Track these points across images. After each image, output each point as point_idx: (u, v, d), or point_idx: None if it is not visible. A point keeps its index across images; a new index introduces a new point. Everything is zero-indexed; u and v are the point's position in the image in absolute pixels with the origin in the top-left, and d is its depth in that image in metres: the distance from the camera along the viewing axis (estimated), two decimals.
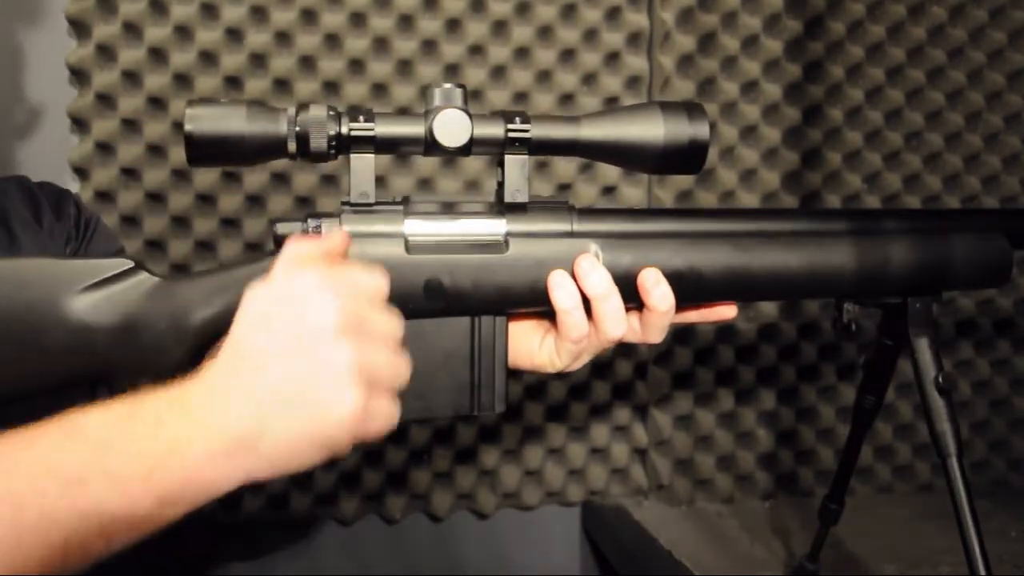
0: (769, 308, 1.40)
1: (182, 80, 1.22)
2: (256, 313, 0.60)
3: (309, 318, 0.58)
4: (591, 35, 1.33)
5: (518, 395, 1.37)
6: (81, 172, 1.23)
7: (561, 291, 0.71)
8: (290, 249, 0.63)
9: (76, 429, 0.54)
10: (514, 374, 0.81)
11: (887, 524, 1.34)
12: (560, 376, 1.37)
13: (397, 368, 0.61)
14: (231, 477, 0.56)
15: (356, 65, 1.27)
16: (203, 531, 1.35)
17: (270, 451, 0.56)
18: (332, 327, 0.58)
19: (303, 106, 0.68)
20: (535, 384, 1.38)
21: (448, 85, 0.70)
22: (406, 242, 0.70)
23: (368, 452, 1.34)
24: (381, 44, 1.27)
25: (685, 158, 0.71)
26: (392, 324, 0.62)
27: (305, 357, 0.57)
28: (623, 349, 1.38)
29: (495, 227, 0.72)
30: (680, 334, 1.37)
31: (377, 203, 0.71)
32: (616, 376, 1.39)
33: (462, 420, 1.36)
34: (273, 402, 0.56)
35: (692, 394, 1.40)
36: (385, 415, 0.60)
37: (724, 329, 1.39)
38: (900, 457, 1.47)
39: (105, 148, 1.22)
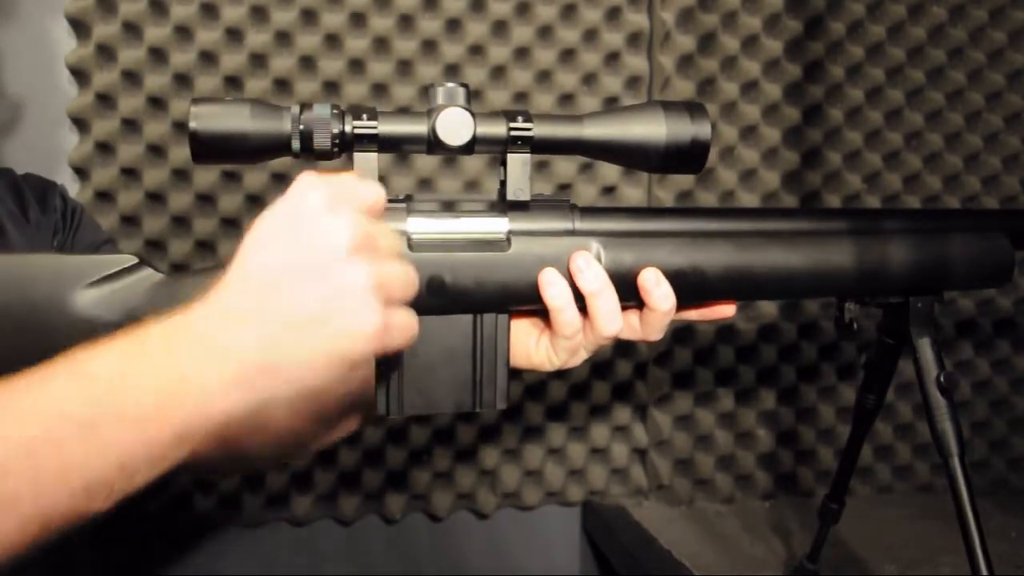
0: (769, 308, 1.40)
1: (182, 80, 1.22)
2: (264, 234, 0.59)
3: (321, 237, 0.57)
4: (591, 35, 1.33)
5: (518, 395, 1.37)
6: (81, 172, 1.23)
7: (552, 288, 0.72)
8: (301, 177, 0.62)
9: (84, 370, 0.53)
10: (515, 373, 0.81)
11: (887, 524, 1.34)
12: (560, 376, 1.37)
13: (407, 278, 0.61)
14: (249, 403, 0.54)
15: (356, 65, 1.27)
16: (203, 531, 1.35)
17: (288, 374, 0.55)
18: (345, 246, 0.57)
19: (307, 104, 0.68)
20: (535, 384, 1.38)
21: (451, 84, 0.70)
22: (409, 240, 0.71)
23: (368, 452, 1.34)
24: (381, 44, 1.27)
25: (687, 157, 0.72)
26: (393, 235, 0.63)
27: (322, 277, 0.56)
28: (623, 349, 1.38)
29: (497, 225, 0.73)
30: (680, 334, 1.37)
31: None
32: (616, 376, 1.39)
33: (462, 419, 1.36)
34: (289, 324, 0.55)
35: (692, 394, 1.40)
36: (404, 326, 0.59)
37: (724, 329, 1.39)
38: (900, 457, 1.47)
39: (105, 148, 1.22)
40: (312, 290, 0.56)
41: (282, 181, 1.27)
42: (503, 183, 0.73)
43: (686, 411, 1.40)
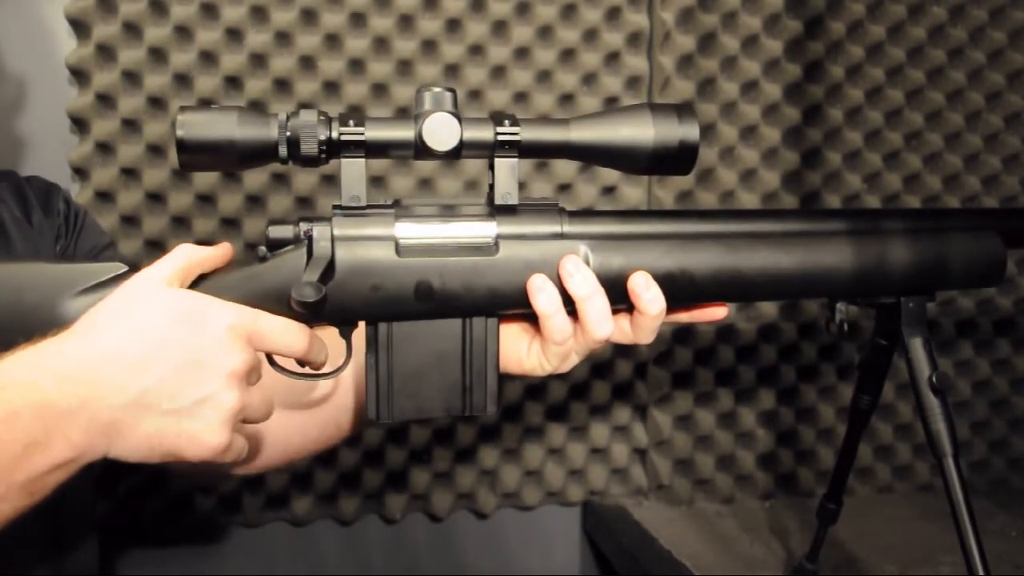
0: (769, 308, 1.40)
1: (182, 80, 1.22)
2: (161, 314, 0.63)
3: (215, 354, 0.62)
4: (591, 35, 1.32)
5: (518, 395, 1.37)
6: (81, 172, 1.23)
7: (541, 295, 0.71)
8: (183, 254, 0.68)
9: None
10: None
11: (887, 524, 1.34)
12: (560, 376, 1.36)
13: (264, 412, 0.67)
14: (91, 457, 0.60)
15: (356, 65, 1.27)
16: (203, 531, 1.35)
17: (126, 445, 0.61)
18: (231, 371, 0.63)
19: (294, 112, 0.68)
20: (535, 384, 1.38)
21: (438, 89, 0.70)
22: (397, 245, 0.70)
23: (368, 452, 1.34)
24: (381, 44, 1.27)
25: (675, 159, 0.72)
26: (270, 379, 0.68)
27: (197, 386, 0.62)
28: (623, 349, 1.38)
29: (485, 229, 0.72)
30: (680, 334, 1.37)
31: (368, 206, 0.71)
32: (616, 376, 1.39)
33: (462, 420, 1.36)
34: (150, 407, 0.60)
35: (692, 394, 1.40)
36: (238, 451, 0.65)
37: (724, 329, 1.39)
38: (900, 457, 1.47)
39: (105, 148, 1.22)
40: (182, 390, 0.61)
41: (282, 181, 1.27)
42: (491, 187, 0.73)
43: (686, 411, 1.40)
